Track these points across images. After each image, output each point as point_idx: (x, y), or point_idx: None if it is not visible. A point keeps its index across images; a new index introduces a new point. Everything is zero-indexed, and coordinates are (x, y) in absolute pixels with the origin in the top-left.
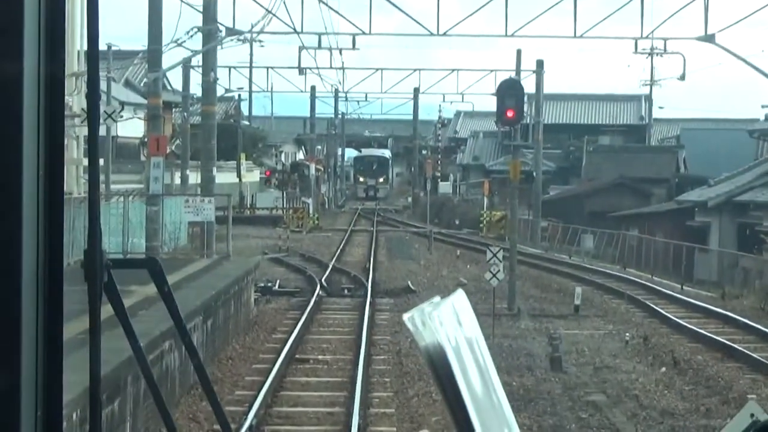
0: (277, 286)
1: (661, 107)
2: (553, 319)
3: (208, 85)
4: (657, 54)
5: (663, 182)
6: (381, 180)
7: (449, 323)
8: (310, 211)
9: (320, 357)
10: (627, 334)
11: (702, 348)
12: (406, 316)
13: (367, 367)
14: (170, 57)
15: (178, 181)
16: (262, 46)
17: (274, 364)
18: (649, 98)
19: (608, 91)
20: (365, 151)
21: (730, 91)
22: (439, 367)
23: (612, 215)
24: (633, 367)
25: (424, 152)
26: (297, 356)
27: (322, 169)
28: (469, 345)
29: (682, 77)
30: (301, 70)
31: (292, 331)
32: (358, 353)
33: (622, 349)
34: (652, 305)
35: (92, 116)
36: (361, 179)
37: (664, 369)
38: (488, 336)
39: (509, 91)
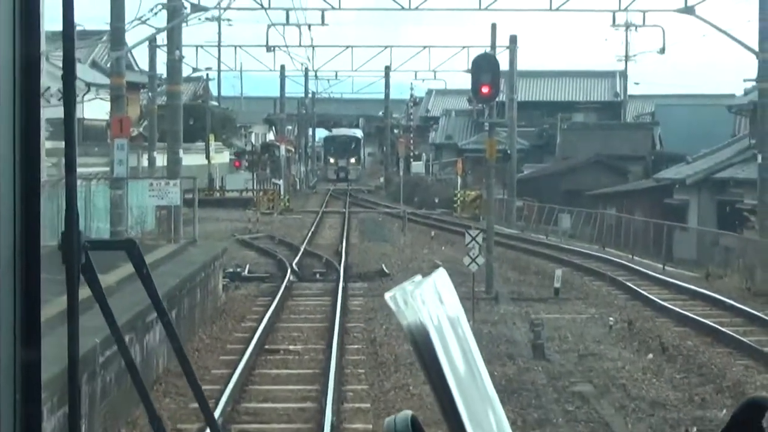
0: (246, 272)
1: (636, 83)
2: (533, 302)
3: (174, 63)
4: (635, 27)
5: (639, 159)
6: (352, 161)
7: (431, 302)
8: (281, 193)
9: (291, 347)
10: (610, 318)
11: (690, 332)
12: (387, 295)
13: (341, 357)
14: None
15: (145, 163)
16: (230, 24)
17: (242, 356)
18: (624, 74)
19: (585, 67)
20: (336, 131)
21: (712, 66)
22: (421, 346)
23: (589, 194)
24: (618, 353)
25: (396, 131)
26: (267, 346)
27: (293, 149)
28: (451, 323)
29: (662, 50)
30: (269, 48)
31: (262, 319)
32: (330, 342)
33: (606, 335)
34: (634, 287)
35: (68, 98)
36: (332, 160)
37: (651, 356)
38: (468, 321)
39: (484, 67)
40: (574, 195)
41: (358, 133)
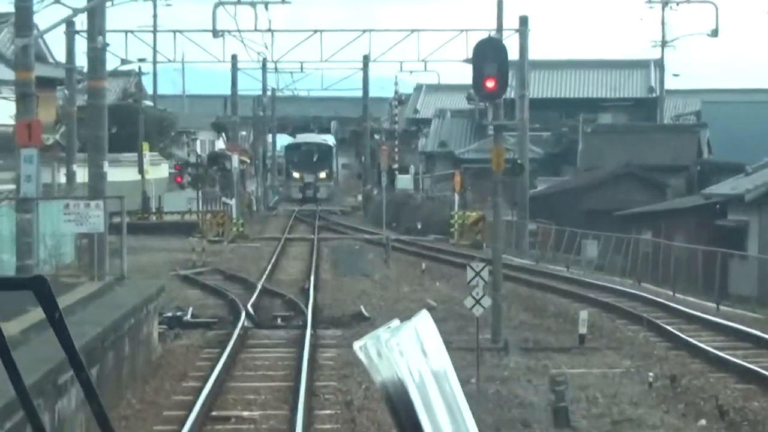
0: (189, 316)
1: (676, 75)
2: (551, 353)
3: (95, 53)
4: (675, 3)
5: (681, 170)
6: (322, 175)
7: (411, 353)
8: (233, 216)
9: (245, 413)
10: (650, 373)
11: (756, 391)
12: (357, 345)
13: (308, 427)
14: (48, 18)
15: (63, 179)
16: (168, 4)
17: (182, 426)
18: (660, 63)
19: (613, 56)
20: (300, 138)
21: None
22: (399, 407)
23: (618, 214)
24: (661, 419)
25: (377, 137)
26: (214, 413)
27: (248, 160)
28: (436, 379)
29: (714, 33)
30: (216, 33)
31: (208, 378)
32: (295, 407)
33: (645, 394)
34: (678, 333)
35: None
36: (296, 175)
37: (703, 422)
38: (469, 379)
39: (488, 54)
40: (599, 216)
41: (329, 139)
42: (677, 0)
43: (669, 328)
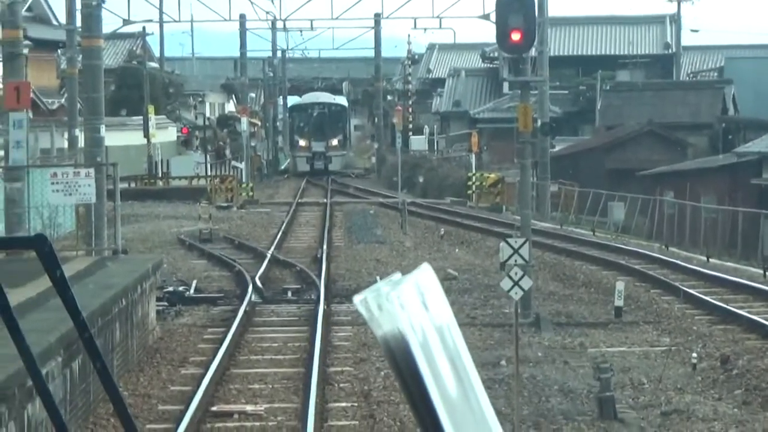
0: (192, 291)
1: (694, 30)
2: (586, 328)
3: (90, 9)
4: None
5: (704, 128)
6: (334, 143)
7: (413, 307)
8: (243, 180)
9: (249, 408)
10: (693, 353)
11: None
12: (357, 298)
13: (320, 423)
14: None
15: (66, 144)
16: None
17: (178, 424)
18: (675, 19)
19: (630, 12)
20: (308, 97)
21: None
22: (401, 362)
23: (642, 174)
24: (714, 409)
25: (390, 98)
26: (214, 407)
27: (259, 123)
28: (439, 334)
29: None
30: None
31: (210, 364)
32: (306, 398)
33: (690, 377)
34: (721, 304)
35: None
36: (302, 143)
37: None
38: (499, 361)
39: (514, 4)
40: (621, 175)
41: (341, 100)
42: None
43: (707, 298)
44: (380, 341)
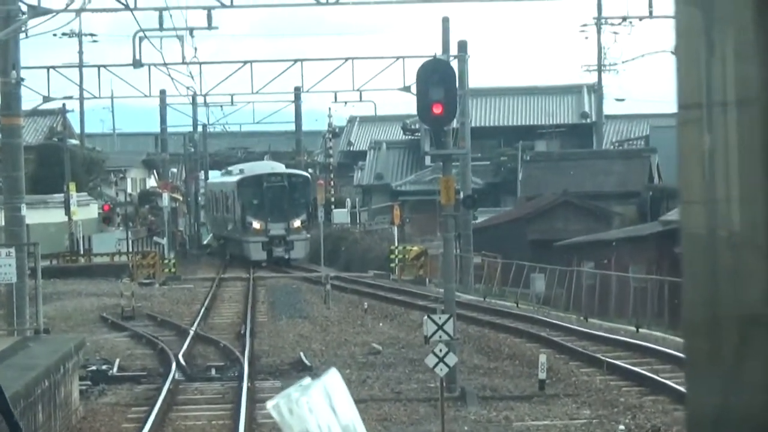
0: (115, 369)
1: (620, 99)
2: (511, 402)
3: (10, 88)
4: (625, 20)
5: (632, 196)
6: (297, 224)
7: (320, 409)
8: (165, 256)
9: None
10: (620, 425)
11: None
12: (270, 404)
13: None
14: None
15: None
16: (95, 41)
17: None
18: (597, 88)
19: (551, 82)
20: (257, 167)
21: None
22: None
23: (559, 244)
24: None
25: (311, 171)
26: None
27: (180, 198)
28: None
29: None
30: (138, 63)
31: None
32: None
33: None
34: (650, 374)
35: None
36: (256, 225)
37: None
38: None
39: (434, 77)
40: (543, 246)
41: (300, 170)
42: (626, 17)
43: (638, 369)
44: None
